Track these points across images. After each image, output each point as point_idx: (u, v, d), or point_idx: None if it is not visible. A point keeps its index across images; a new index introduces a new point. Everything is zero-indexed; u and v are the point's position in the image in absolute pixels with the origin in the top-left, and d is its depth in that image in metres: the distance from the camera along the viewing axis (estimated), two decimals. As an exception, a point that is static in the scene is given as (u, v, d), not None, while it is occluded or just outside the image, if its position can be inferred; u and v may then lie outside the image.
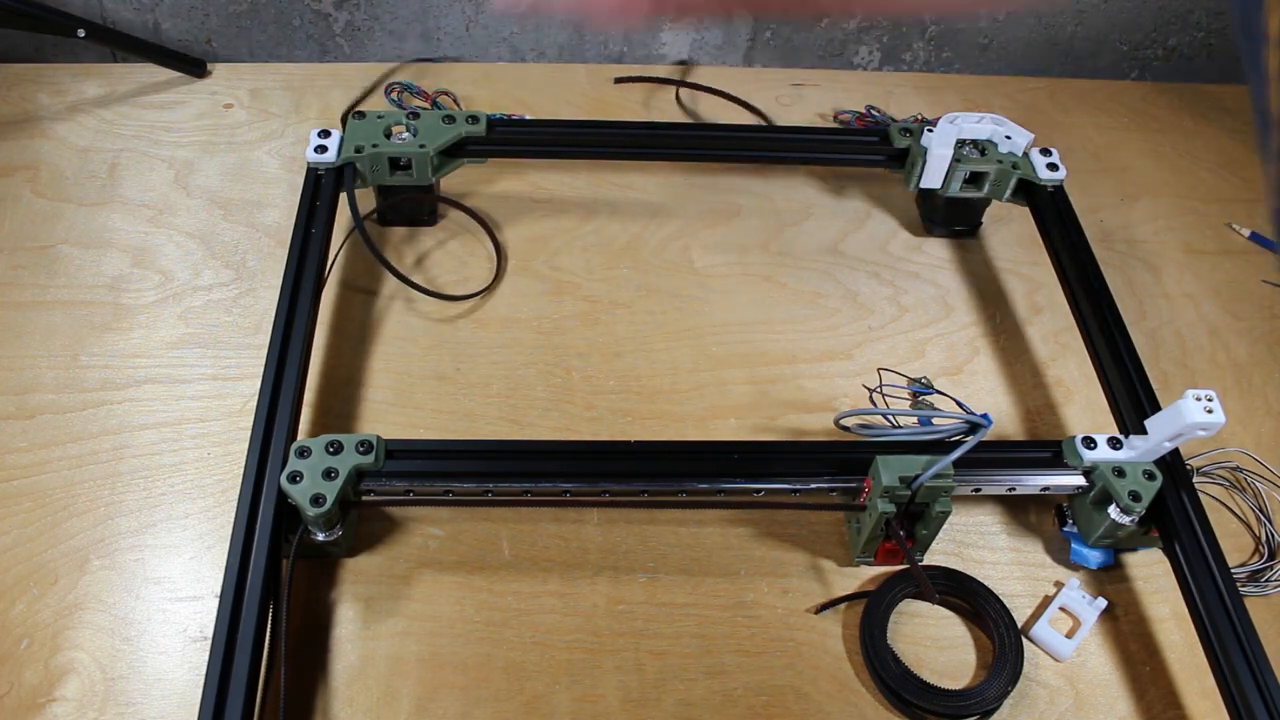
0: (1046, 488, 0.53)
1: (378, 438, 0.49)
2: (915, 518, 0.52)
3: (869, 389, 0.59)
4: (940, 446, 0.52)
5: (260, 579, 0.45)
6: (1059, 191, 0.66)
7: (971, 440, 0.50)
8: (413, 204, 0.67)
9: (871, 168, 0.70)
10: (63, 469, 0.53)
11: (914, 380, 0.61)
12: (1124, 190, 0.77)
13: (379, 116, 0.64)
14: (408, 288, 0.63)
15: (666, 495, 0.51)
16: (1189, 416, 0.48)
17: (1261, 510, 0.58)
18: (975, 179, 0.66)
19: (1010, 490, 0.53)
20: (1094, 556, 0.54)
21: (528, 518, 0.54)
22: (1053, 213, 0.65)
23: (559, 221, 0.69)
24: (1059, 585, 0.53)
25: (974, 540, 0.55)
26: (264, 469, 0.48)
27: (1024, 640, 0.51)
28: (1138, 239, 0.73)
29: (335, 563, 0.51)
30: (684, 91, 0.81)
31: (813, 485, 0.52)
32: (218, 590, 0.45)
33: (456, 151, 0.65)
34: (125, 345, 0.59)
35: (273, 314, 0.55)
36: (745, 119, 0.79)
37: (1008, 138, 0.66)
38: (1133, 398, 0.55)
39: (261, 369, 0.52)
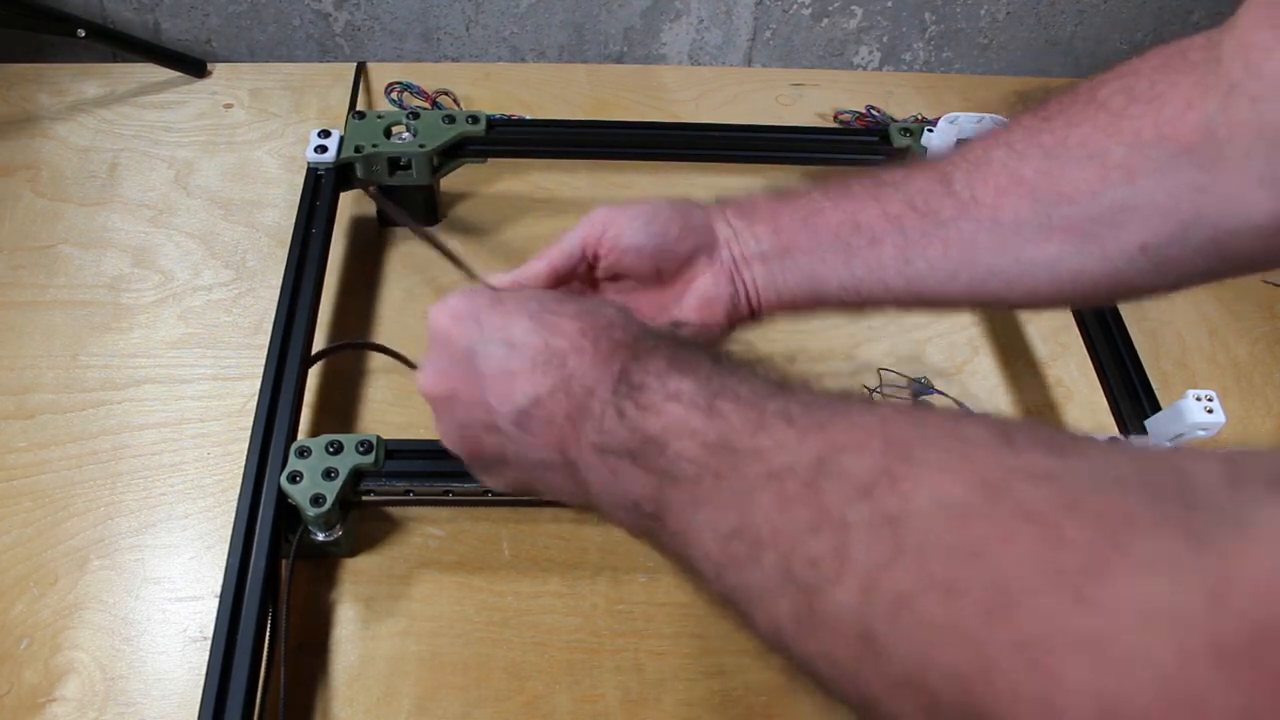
0: (1046, 488, 0.53)
1: (378, 438, 0.49)
2: (915, 518, 0.52)
3: (869, 389, 0.59)
4: (940, 446, 0.52)
5: (260, 579, 0.45)
6: (1059, 191, 0.66)
7: (971, 440, 0.50)
8: (410, 204, 0.67)
9: (871, 168, 0.70)
10: (63, 469, 0.53)
11: (914, 380, 0.61)
12: (1124, 190, 0.77)
13: (379, 116, 0.64)
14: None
15: (666, 495, 0.51)
16: (1189, 416, 0.48)
17: (1261, 510, 0.58)
18: (975, 179, 0.66)
19: (1010, 490, 0.53)
20: (1094, 556, 0.54)
21: (528, 518, 0.54)
22: (1053, 213, 0.65)
23: (559, 221, 0.69)
24: (1059, 585, 0.53)
25: (974, 540, 0.55)
26: (264, 469, 0.48)
27: (1024, 640, 0.51)
28: (1138, 239, 0.73)
29: (335, 563, 0.51)
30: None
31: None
32: (218, 590, 0.45)
33: (456, 151, 0.65)
34: (125, 345, 0.59)
35: (273, 314, 0.55)
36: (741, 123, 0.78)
37: (1008, 138, 0.66)
38: (1133, 398, 0.55)
39: (261, 369, 0.52)
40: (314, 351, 0.55)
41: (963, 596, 0.21)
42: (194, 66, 0.76)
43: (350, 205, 0.67)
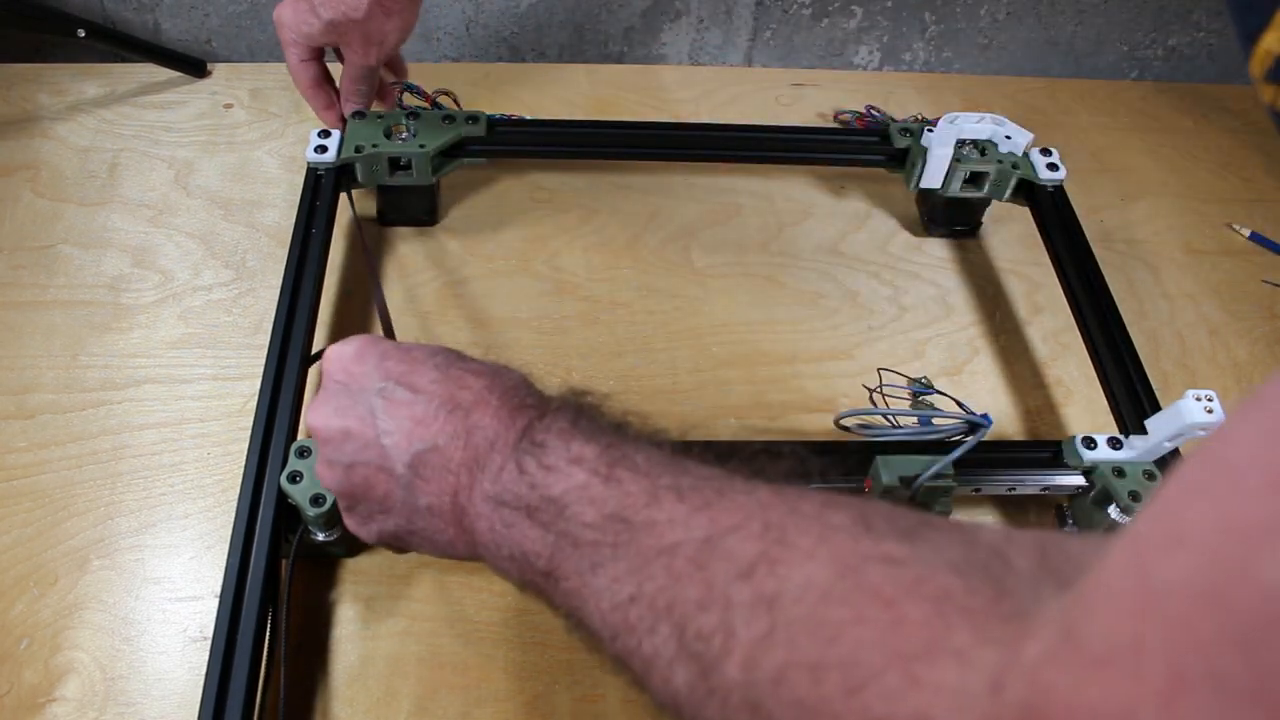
0: (1046, 488, 0.53)
1: (378, 438, 0.49)
2: (915, 518, 0.52)
3: (869, 389, 0.59)
4: (940, 446, 0.52)
5: (260, 579, 0.45)
6: (1059, 191, 0.66)
7: (971, 440, 0.50)
8: (410, 204, 0.67)
9: (871, 168, 0.70)
10: (63, 469, 0.53)
11: (914, 380, 0.61)
12: (1124, 190, 0.77)
13: (379, 116, 0.64)
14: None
15: (666, 495, 0.51)
16: (1189, 416, 0.48)
17: (1261, 510, 0.58)
18: (975, 179, 0.66)
19: (1010, 490, 0.53)
20: (1094, 556, 0.54)
21: (528, 518, 0.54)
22: (1053, 213, 0.65)
23: (559, 221, 0.69)
24: (1059, 585, 0.53)
25: (974, 540, 0.55)
26: (264, 469, 0.48)
27: (1024, 640, 0.51)
28: (1138, 239, 0.73)
29: (335, 563, 0.51)
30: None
31: (813, 485, 0.52)
32: (218, 590, 0.45)
33: (456, 151, 0.65)
34: (125, 345, 0.59)
35: (273, 314, 0.55)
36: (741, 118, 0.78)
37: (1008, 138, 0.66)
38: (1133, 398, 0.55)
39: (261, 369, 0.52)
40: (314, 351, 0.55)
41: (826, 674, 0.23)
42: (194, 66, 0.76)
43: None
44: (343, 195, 0.63)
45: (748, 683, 0.25)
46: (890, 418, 0.57)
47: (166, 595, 0.49)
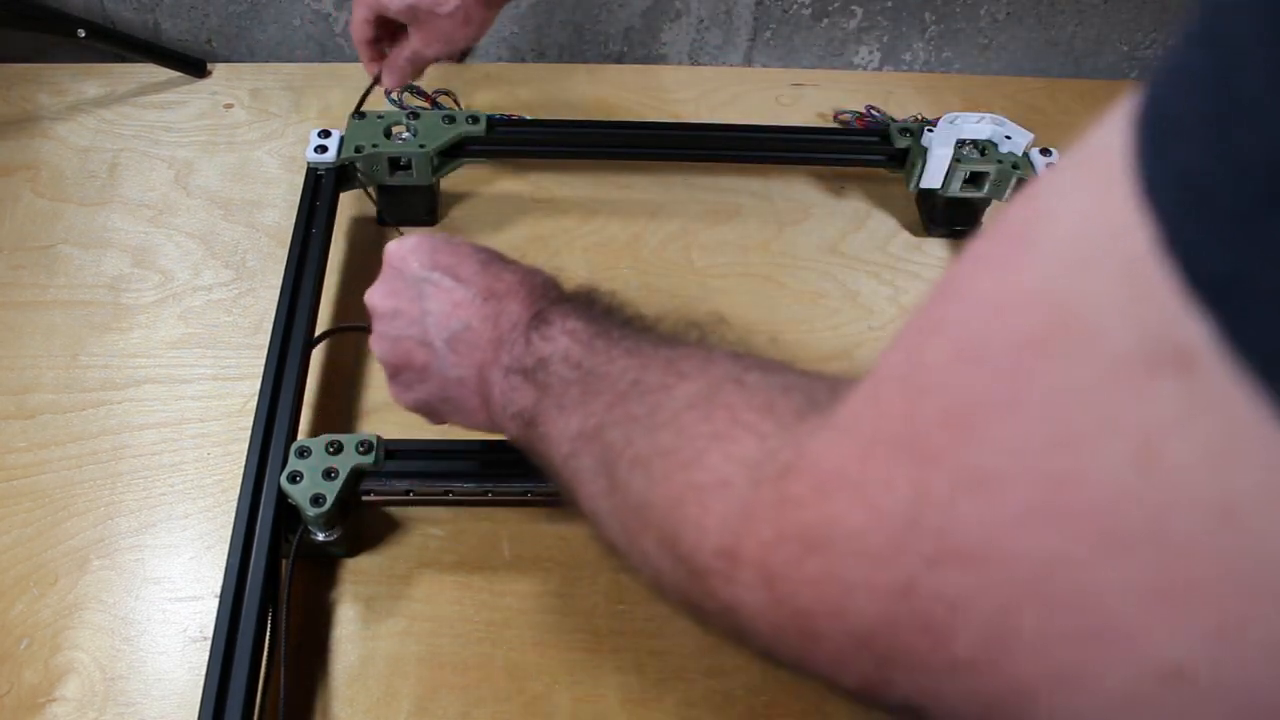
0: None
1: (378, 438, 0.49)
2: (915, 518, 0.51)
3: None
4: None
5: (260, 579, 0.45)
6: (1059, 191, 0.66)
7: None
8: (410, 205, 0.67)
9: (871, 168, 0.70)
10: (63, 469, 0.53)
11: (914, 380, 0.61)
12: (1124, 190, 0.77)
13: (379, 116, 0.64)
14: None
15: (666, 495, 0.51)
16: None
17: (1261, 510, 0.58)
18: (975, 179, 0.66)
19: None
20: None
21: (528, 518, 0.54)
22: (1053, 213, 0.65)
23: (559, 221, 0.69)
24: (1059, 585, 0.53)
25: (974, 540, 0.55)
26: (264, 469, 0.48)
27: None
28: (1138, 239, 0.73)
29: (335, 563, 0.51)
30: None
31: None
32: (218, 590, 0.45)
33: (456, 151, 0.65)
34: (125, 345, 0.59)
35: (273, 314, 0.55)
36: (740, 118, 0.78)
37: (1008, 138, 0.66)
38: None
39: (261, 369, 0.52)
40: (316, 334, 0.55)
41: (673, 457, 0.30)
42: (194, 66, 0.76)
43: (350, 205, 0.67)
44: (350, 193, 0.63)
45: (629, 478, 0.32)
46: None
47: (166, 595, 0.49)
